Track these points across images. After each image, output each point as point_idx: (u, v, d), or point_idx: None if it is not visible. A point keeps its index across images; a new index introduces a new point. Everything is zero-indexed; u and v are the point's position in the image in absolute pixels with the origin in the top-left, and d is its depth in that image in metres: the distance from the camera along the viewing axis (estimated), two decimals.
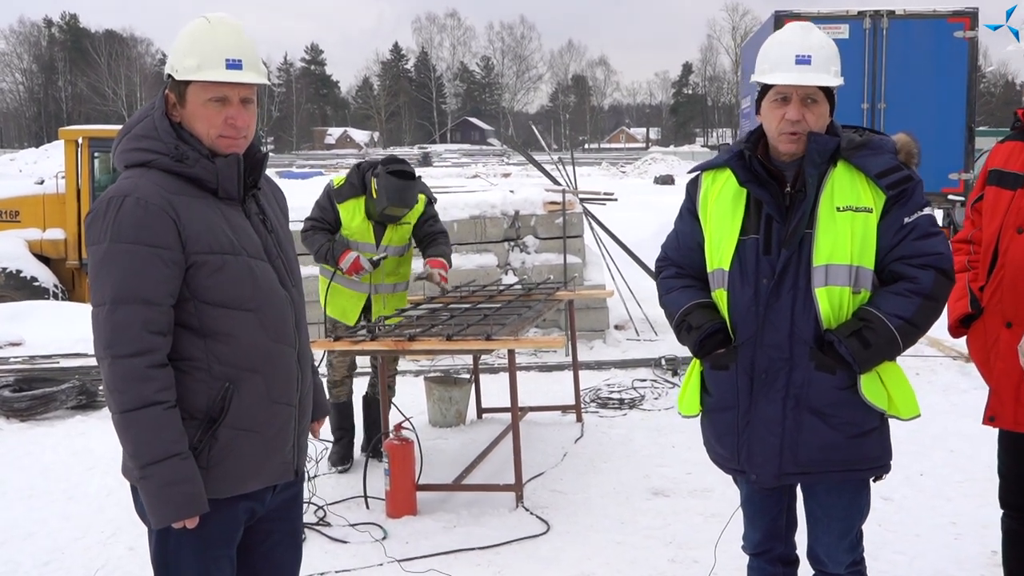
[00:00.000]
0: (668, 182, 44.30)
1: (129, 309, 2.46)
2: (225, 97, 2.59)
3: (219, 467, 2.59)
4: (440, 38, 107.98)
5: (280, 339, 2.69)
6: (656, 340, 9.83)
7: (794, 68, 2.92)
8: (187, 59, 2.57)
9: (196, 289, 2.55)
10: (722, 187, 3.11)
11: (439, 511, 5.38)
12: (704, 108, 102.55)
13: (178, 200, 2.54)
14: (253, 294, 2.62)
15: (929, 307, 2.90)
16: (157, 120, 2.60)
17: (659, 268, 3.35)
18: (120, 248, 2.48)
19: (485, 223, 9.48)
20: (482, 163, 64.48)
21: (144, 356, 2.47)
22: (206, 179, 2.60)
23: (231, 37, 2.61)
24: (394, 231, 6.06)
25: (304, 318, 2.84)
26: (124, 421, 2.48)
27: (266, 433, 2.66)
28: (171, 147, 2.57)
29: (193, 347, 2.56)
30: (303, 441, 2.85)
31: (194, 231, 2.53)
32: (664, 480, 5.84)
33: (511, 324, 5.33)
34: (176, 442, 2.49)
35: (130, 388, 2.46)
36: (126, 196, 2.50)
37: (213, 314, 2.57)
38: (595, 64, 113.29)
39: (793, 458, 3.01)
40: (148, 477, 2.48)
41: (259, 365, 2.63)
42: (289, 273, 2.76)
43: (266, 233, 2.73)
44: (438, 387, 7.07)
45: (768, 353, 2.99)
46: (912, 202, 2.92)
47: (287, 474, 2.77)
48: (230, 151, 2.63)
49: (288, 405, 2.73)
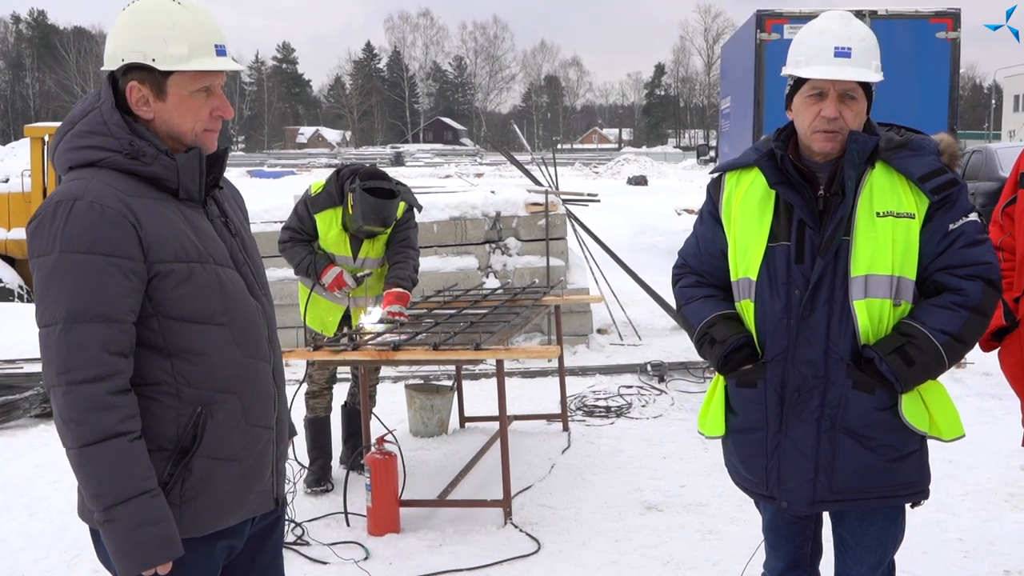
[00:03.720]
0: (641, 183, 44.16)
1: (85, 328, 2.16)
2: (210, 87, 2.33)
3: (193, 503, 2.31)
4: (413, 37, 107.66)
5: (255, 354, 2.41)
6: (640, 345, 9.61)
7: (833, 61, 2.68)
8: (171, 46, 2.26)
9: (160, 303, 2.26)
10: (748, 189, 2.86)
11: (423, 528, 5.11)
12: (676, 109, 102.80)
13: (136, 203, 2.24)
14: (224, 306, 2.34)
15: (976, 321, 2.66)
16: (106, 113, 2.28)
17: (677, 276, 3.09)
18: (72, 259, 2.17)
19: (466, 224, 9.20)
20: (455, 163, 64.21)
21: (104, 381, 2.17)
22: (165, 178, 2.30)
23: (211, 21, 2.34)
24: (371, 244, 5.74)
25: (276, 331, 2.56)
26: (83, 457, 2.17)
27: (245, 461, 2.39)
28: (124, 143, 2.26)
29: (158, 369, 2.27)
30: (282, 466, 2.57)
31: (156, 237, 2.24)
32: (657, 494, 5.59)
33: (499, 332, 5.06)
34: (144, 478, 2.20)
35: (89, 419, 2.15)
36: (76, 199, 2.19)
37: (180, 330, 2.28)
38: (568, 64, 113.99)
39: (828, 484, 2.77)
40: (113, 520, 2.17)
41: (234, 385, 2.36)
42: (258, 280, 2.49)
43: (230, 237, 2.45)
44: (420, 395, 6.79)
45: (801, 370, 2.74)
46: (958, 207, 2.68)
47: (267, 504, 2.50)
48: (214, 146, 2.38)
49: (267, 428, 2.46)
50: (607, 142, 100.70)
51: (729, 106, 16.54)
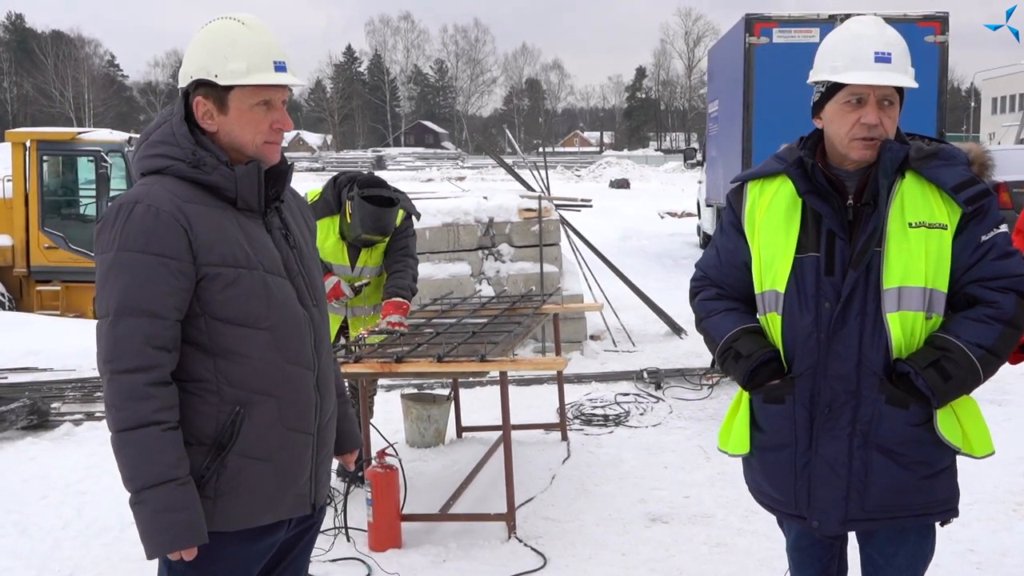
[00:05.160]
0: (624, 186, 44.14)
1: (131, 322, 2.32)
2: (270, 101, 2.48)
3: (228, 497, 2.43)
4: (394, 41, 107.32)
5: (296, 361, 2.51)
6: (635, 351, 9.53)
7: (873, 66, 2.60)
8: (231, 63, 2.43)
9: (207, 303, 2.40)
10: (772, 198, 2.77)
11: (426, 543, 5.00)
12: (658, 112, 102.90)
13: (191, 208, 2.40)
14: (268, 311, 2.46)
15: (1010, 334, 2.58)
16: (175, 125, 2.47)
17: (696, 289, 3.00)
18: (127, 257, 2.34)
19: (458, 231, 9.09)
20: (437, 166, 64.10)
21: (144, 372, 2.32)
22: (224, 187, 2.45)
23: (270, 38, 2.50)
24: (369, 253, 5.64)
25: (326, 340, 2.65)
26: (120, 441, 2.33)
27: (279, 462, 2.49)
28: (188, 152, 2.43)
29: (202, 367, 2.41)
30: (322, 473, 2.65)
31: (206, 241, 2.39)
32: (661, 505, 5.51)
33: (503, 342, 4.97)
34: (174, 466, 2.33)
35: (127, 406, 2.31)
36: (136, 202, 2.37)
37: (224, 331, 2.41)
38: (549, 68, 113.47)
39: (861, 503, 2.68)
40: (142, 502, 2.32)
41: (273, 388, 2.46)
42: (311, 292, 2.60)
43: (288, 249, 2.57)
44: (416, 406, 6.68)
45: (832, 385, 2.66)
46: (989, 218, 2.61)
47: (302, 508, 2.59)
48: (275, 158, 2.53)
49: (305, 433, 2.55)
50: (589, 145, 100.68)
51: (717, 110, 16.52)
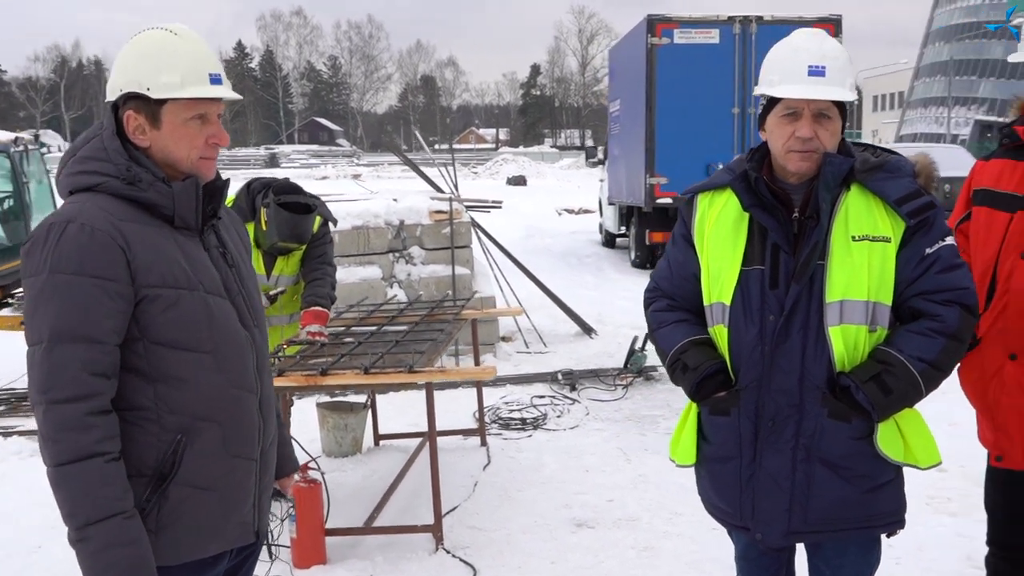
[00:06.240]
0: (520, 183, 44.30)
1: (68, 348, 2.19)
2: (205, 115, 2.36)
3: (170, 530, 2.32)
4: (286, 36, 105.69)
5: (240, 384, 2.42)
6: (547, 352, 9.53)
7: (807, 80, 2.61)
8: (164, 75, 2.31)
9: (147, 327, 2.28)
10: (720, 211, 2.77)
11: (351, 558, 4.90)
12: (552, 109, 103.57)
13: (128, 227, 2.27)
14: (210, 333, 2.35)
15: (954, 348, 2.62)
16: (106, 140, 2.33)
17: (649, 300, 2.99)
18: (60, 279, 2.20)
19: (369, 234, 8.94)
20: (332, 164, 63.35)
21: (83, 401, 2.18)
22: (161, 204, 2.33)
23: (205, 50, 2.40)
24: (285, 261, 5.48)
25: (267, 362, 2.55)
26: (59, 475, 2.19)
27: (224, 491, 2.39)
28: (122, 169, 2.30)
29: (141, 394, 2.29)
30: (264, 499, 2.56)
31: (145, 262, 2.27)
32: (586, 509, 5.50)
33: (429, 351, 4.89)
34: (119, 499, 2.20)
35: (66, 437, 2.17)
36: (69, 222, 2.23)
37: (164, 356, 2.30)
38: (444, 64, 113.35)
39: (803, 515, 2.70)
40: (85, 540, 2.18)
41: (216, 414, 2.36)
42: (251, 311, 2.51)
43: (226, 267, 2.47)
44: (333, 414, 6.55)
45: (776, 399, 2.67)
46: (934, 231, 2.64)
47: (246, 536, 2.50)
48: (211, 174, 2.41)
49: (248, 459, 2.45)
50: (484, 142, 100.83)
51: (619, 109, 16.68)
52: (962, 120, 58.19)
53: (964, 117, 59.17)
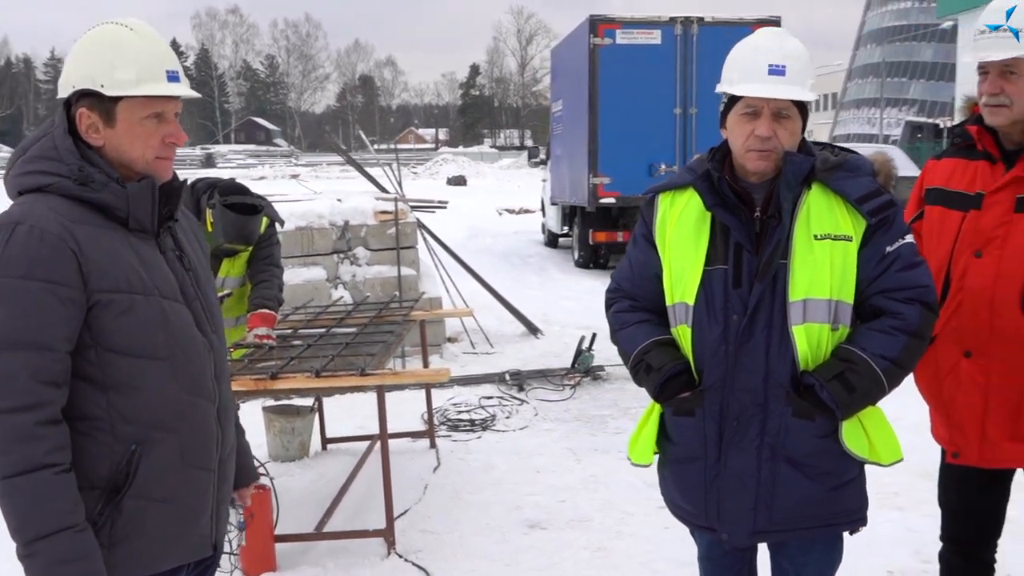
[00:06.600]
0: (460, 183, 44.27)
1: (16, 356, 2.09)
2: (162, 113, 2.28)
3: (124, 545, 2.23)
4: (222, 35, 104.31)
5: (197, 392, 2.34)
6: (493, 353, 9.50)
7: (767, 79, 2.61)
8: (119, 72, 2.22)
9: (99, 333, 2.18)
10: (682, 210, 2.76)
11: (302, 564, 4.82)
12: (492, 109, 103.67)
13: (80, 230, 2.17)
14: (166, 340, 2.27)
15: (915, 345, 2.64)
16: (58, 139, 2.24)
17: (610, 300, 2.97)
18: (8, 284, 2.11)
19: (313, 235, 8.82)
20: (269, 164, 62.73)
21: (32, 411, 2.09)
22: (115, 206, 2.24)
23: (163, 46, 2.32)
24: (231, 263, 5.37)
25: (226, 368, 2.47)
26: (6, 488, 2.10)
27: (180, 503, 2.32)
28: (73, 169, 2.21)
29: (93, 403, 2.19)
30: (223, 511, 2.50)
31: (98, 266, 2.17)
32: (538, 510, 5.48)
33: (380, 354, 4.83)
34: (70, 512, 2.12)
35: (14, 449, 2.08)
36: (17, 224, 2.14)
37: (118, 363, 2.21)
38: (383, 64, 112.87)
39: (768, 515, 2.70)
40: (33, 555, 2.10)
41: (172, 423, 2.28)
42: (209, 317, 2.43)
43: (183, 272, 2.38)
44: (279, 418, 6.43)
45: (740, 398, 2.66)
46: (894, 229, 2.66)
47: (204, 549, 2.42)
48: (168, 174, 2.33)
49: (206, 470, 2.38)
50: (424, 142, 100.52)
51: (561, 110, 16.71)
52: (893, 121, 59.40)
53: (895, 118, 60.41)
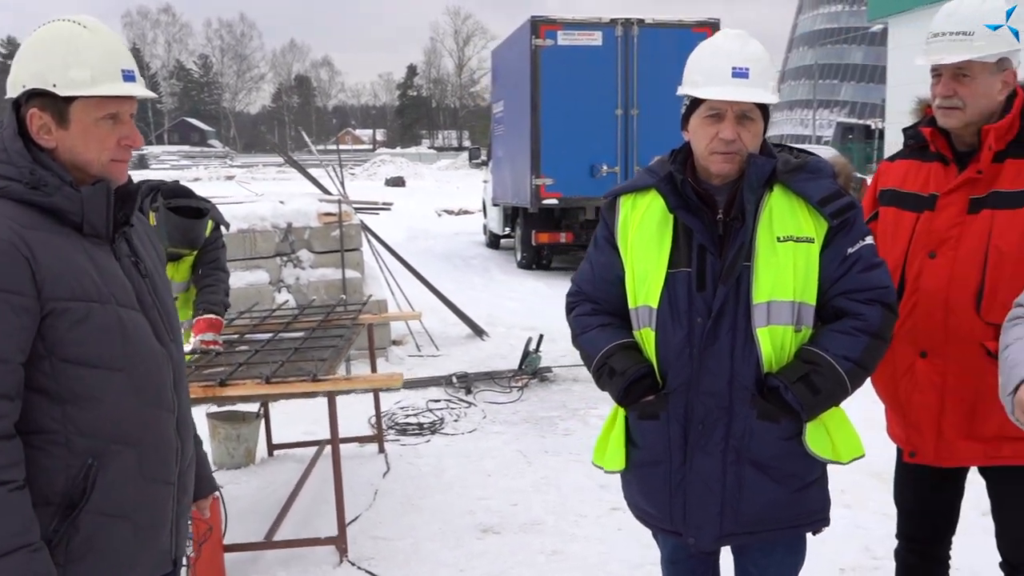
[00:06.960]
0: (399, 184, 44.05)
1: None
2: (117, 114, 2.20)
3: (82, 563, 2.16)
4: (154, 34, 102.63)
5: (156, 403, 2.27)
6: (439, 355, 9.44)
7: (730, 82, 2.60)
8: (73, 71, 2.14)
9: (54, 344, 2.10)
10: (644, 213, 2.74)
11: (252, 574, 4.73)
12: (429, 110, 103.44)
13: (33, 235, 2.09)
14: (123, 350, 2.19)
15: (876, 346, 2.65)
16: (8, 140, 2.15)
17: (571, 304, 2.94)
18: None
19: (255, 237, 8.67)
20: (204, 165, 61.83)
21: None
22: (69, 210, 2.15)
23: (118, 44, 2.23)
24: (176, 267, 5.26)
25: (184, 379, 2.40)
26: None
27: (140, 519, 2.24)
28: (24, 172, 2.12)
29: (47, 416, 2.11)
30: (182, 524, 2.43)
31: (52, 273, 2.09)
32: (490, 514, 5.44)
33: (331, 358, 4.75)
34: (24, 531, 2.03)
35: None
36: None
37: (73, 374, 2.12)
38: (319, 64, 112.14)
39: (735, 518, 2.69)
40: None
41: (130, 436, 2.21)
42: (167, 325, 2.35)
43: (139, 279, 2.30)
44: (224, 425, 6.31)
45: (705, 401, 2.66)
46: (855, 231, 2.67)
47: (164, 565, 2.37)
48: (123, 178, 2.26)
49: (166, 483, 2.31)
50: (361, 143, 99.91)
51: (503, 111, 16.69)
52: (825, 122, 60.45)
53: (827, 119, 61.49)
